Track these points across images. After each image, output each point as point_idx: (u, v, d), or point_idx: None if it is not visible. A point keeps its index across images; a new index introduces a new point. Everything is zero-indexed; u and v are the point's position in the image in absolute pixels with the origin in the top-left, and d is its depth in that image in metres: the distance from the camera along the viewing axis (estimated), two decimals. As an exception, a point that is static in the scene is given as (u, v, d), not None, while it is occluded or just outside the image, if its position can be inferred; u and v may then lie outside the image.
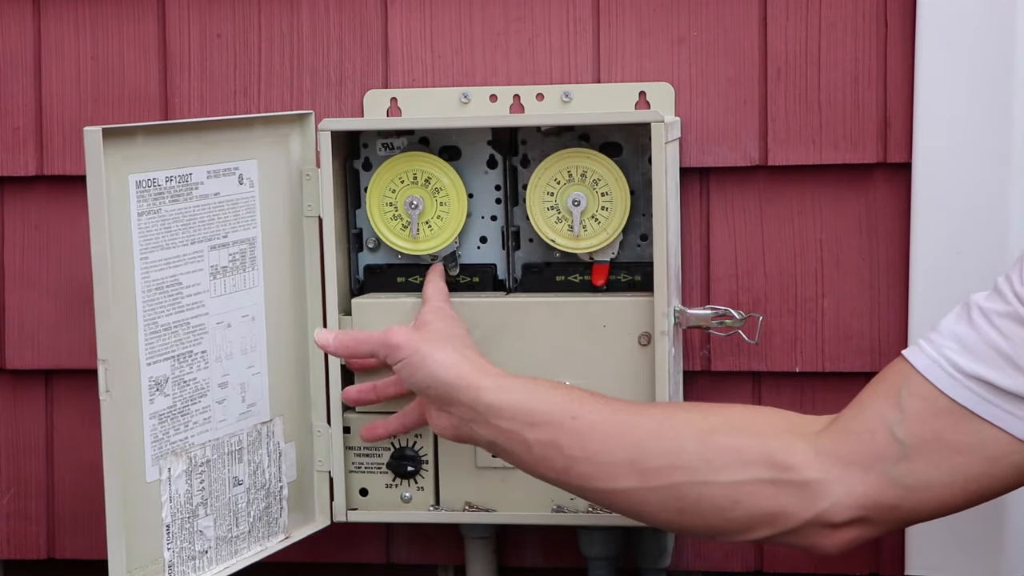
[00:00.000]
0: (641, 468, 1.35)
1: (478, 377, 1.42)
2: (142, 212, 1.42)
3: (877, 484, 1.30)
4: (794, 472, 1.31)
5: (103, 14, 1.72)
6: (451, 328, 1.49)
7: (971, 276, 1.57)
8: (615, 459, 1.36)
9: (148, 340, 1.43)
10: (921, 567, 1.62)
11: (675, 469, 1.34)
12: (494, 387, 1.41)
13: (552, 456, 1.39)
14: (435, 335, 1.46)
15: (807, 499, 1.31)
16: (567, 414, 1.38)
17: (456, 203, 1.59)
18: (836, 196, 1.63)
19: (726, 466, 1.33)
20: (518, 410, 1.39)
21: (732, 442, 1.33)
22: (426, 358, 1.43)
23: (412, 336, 1.45)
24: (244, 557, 1.54)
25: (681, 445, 1.34)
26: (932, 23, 1.57)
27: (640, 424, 1.37)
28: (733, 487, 1.33)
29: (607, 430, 1.37)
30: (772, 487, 1.32)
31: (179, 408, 1.47)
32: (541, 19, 1.66)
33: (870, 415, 1.30)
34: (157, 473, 1.44)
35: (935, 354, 1.29)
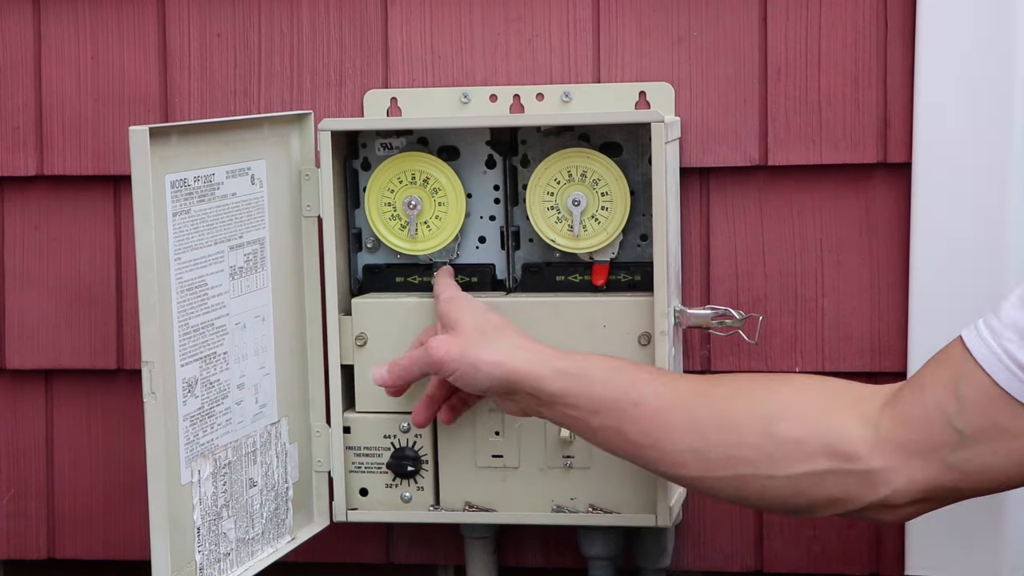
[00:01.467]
0: (705, 458, 1.37)
1: (535, 367, 1.42)
2: (176, 212, 1.42)
3: (936, 471, 1.31)
4: (856, 462, 1.33)
5: (103, 14, 1.72)
6: (483, 319, 1.48)
7: (971, 276, 1.57)
8: (679, 447, 1.38)
9: (181, 341, 1.43)
10: (921, 567, 1.62)
11: (738, 461, 1.36)
12: (553, 375, 1.42)
13: (617, 440, 1.41)
14: (473, 335, 1.46)
15: (869, 486, 1.33)
16: (629, 401, 1.39)
17: (454, 203, 1.59)
18: (836, 196, 1.63)
19: (788, 459, 1.34)
20: (580, 397, 1.41)
21: (793, 432, 1.34)
22: (476, 364, 1.44)
23: (453, 346, 1.45)
24: (260, 559, 1.54)
25: (743, 438, 1.36)
26: (932, 23, 1.57)
27: (702, 412, 1.38)
28: (795, 479, 1.34)
29: (670, 419, 1.38)
30: (834, 476, 1.33)
31: (206, 410, 1.47)
32: (541, 19, 1.66)
33: (929, 403, 1.31)
34: (190, 475, 1.44)
35: (995, 345, 1.29)
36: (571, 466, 1.57)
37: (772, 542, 1.67)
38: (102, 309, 1.74)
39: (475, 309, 1.50)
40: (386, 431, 1.60)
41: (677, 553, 1.69)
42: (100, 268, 1.74)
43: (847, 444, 1.33)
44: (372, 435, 1.60)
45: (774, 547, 1.67)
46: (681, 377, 1.42)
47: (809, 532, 1.66)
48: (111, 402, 1.77)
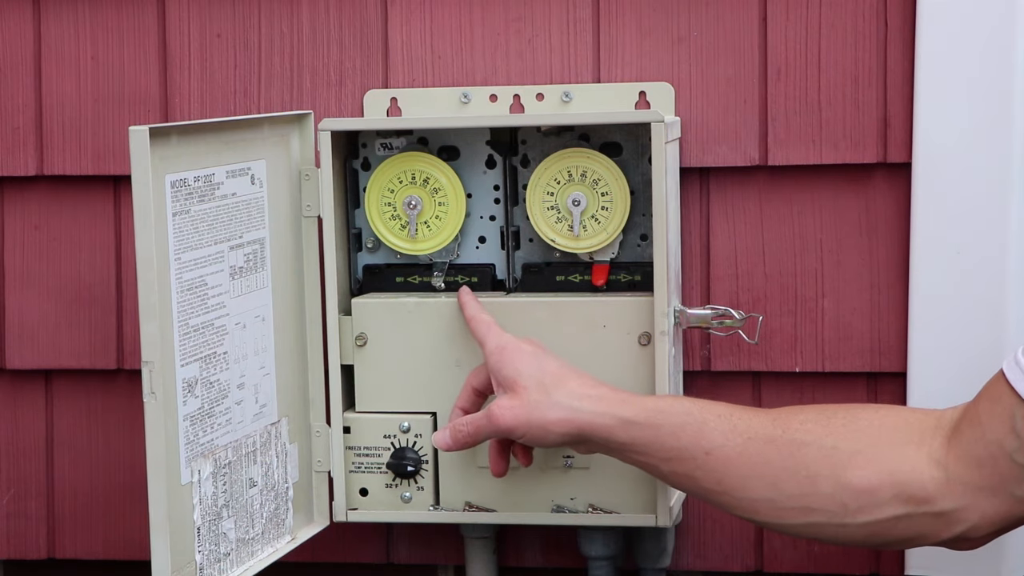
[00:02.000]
0: (779, 507, 1.38)
1: (603, 419, 1.42)
2: (176, 212, 1.42)
3: (1007, 504, 1.33)
4: (929, 505, 1.34)
5: (103, 14, 1.72)
6: (539, 370, 1.46)
7: (971, 276, 1.57)
8: (752, 496, 1.39)
9: (181, 341, 1.43)
10: (921, 567, 1.62)
11: (812, 511, 1.37)
12: (621, 426, 1.42)
13: (689, 485, 1.42)
14: (535, 394, 1.44)
15: (944, 525, 1.35)
16: (700, 449, 1.39)
17: (454, 203, 1.59)
18: (836, 196, 1.63)
19: (862, 509, 1.35)
20: (650, 446, 1.41)
21: (866, 481, 1.35)
22: (545, 428, 1.44)
23: (518, 412, 1.44)
24: (260, 559, 1.54)
25: (815, 488, 1.36)
26: (932, 23, 1.57)
27: (773, 460, 1.38)
28: (870, 525, 1.36)
29: (741, 468, 1.39)
30: (909, 519, 1.35)
31: (206, 410, 1.47)
32: (541, 19, 1.66)
33: (991, 441, 1.32)
34: (190, 475, 1.44)
35: None
36: (571, 466, 1.57)
37: (772, 542, 1.67)
38: (102, 309, 1.74)
39: (529, 361, 1.47)
40: (386, 431, 1.60)
41: (677, 553, 1.69)
42: (100, 268, 1.74)
43: (919, 489, 1.34)
44: (372, 435, 1.60)
45: (774, 547, 1.67)
46: (752, 418, 1.41)
47: (809, 532, 1.66)
48: (111, 402, 1.77)
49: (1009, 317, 1.57)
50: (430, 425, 1.59)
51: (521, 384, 1.45)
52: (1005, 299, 1.57)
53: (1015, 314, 1.57)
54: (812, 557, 1.67)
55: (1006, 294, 1.57)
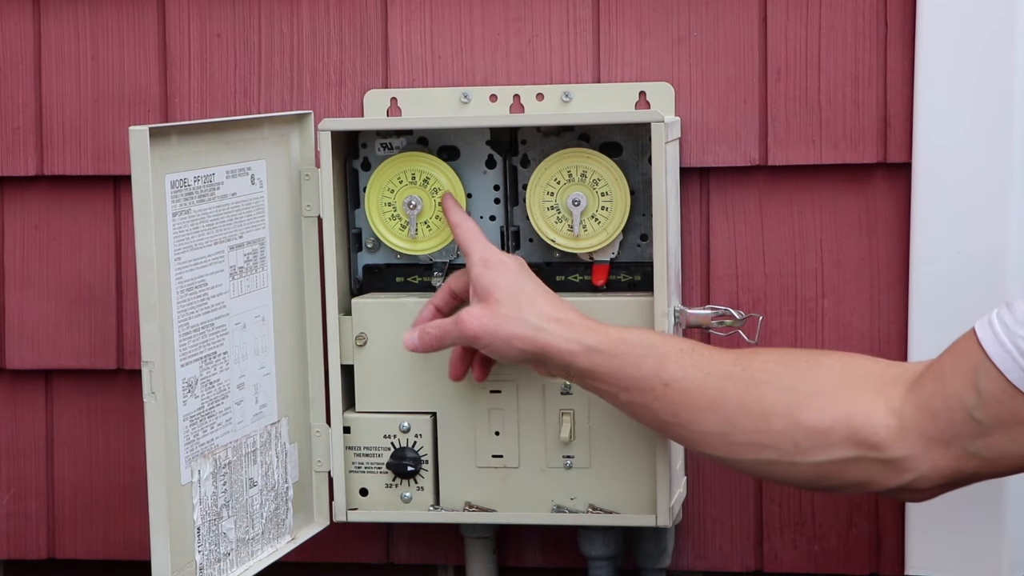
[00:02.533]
0: (731, 441, 1.39)
1: (566, 344, 1.43)
2: (176, 212, 1.42)
3: (958, 458, 1.33)
4: (880, 451, 1.35)
5: (103, 14, 1.72)
6: (516, 285, 1.48)
7: (971, 276, 1.57)
8: (706, 429, 1.40)
9: (181, 341, 1.43)
10: (921, 567, 1.62)
11: (763, 448, 1.38)
12: (583, 352, 1.43)
13: (645, 415, 1.44)
14: (506, 307, 1.46)
15: (893, 472, 1.35)
16: (659, 380, 1.41)
17: (455, 203, 1.59)
18: (836, 196, 1.63)
19: (813, 448, 1.36)
20: (610, 375, 1.43)
21: (819, 421, 1.36)
22: (509, 342, 1.45)
23: (485, 320, 1.46)
24: (260, 559, 1.54)
25: (769, 425, 1.38)
26: (932, 23, 1.57)
27: (730, 396, 1.39)
28: (820, 466, 1.37)
29: (698, 401, 1.40)
30: (858, 463, 1.36)
31: (206, 410, 1.47)
32: (541, 19, 1.66)
33: (950, 394, 1.32)
34: (190, 475, 1.44)
35: (1008, 343, 1.30)
36: (571, 466, 1.57)
37: (772, 542, 1.67)
38: (102, 309, 1.74)
39: (508, 276, 1.49)
40: (386, 431, 1.60)
41: (677, 553, 1.69)
42: (100, 268, 1.74)
43: (872, 433, 1.35)
44: (372, 435, 1.60)
45: (774, 547, 1.67)
46: (713, 355, 1.42)
47: (809, 532, 1.66)
48: (111, 402, 1.77)
49: (1009, 317, 1.57)
50: (430, 425, 1.59)
51: (495, 296, 1.47)
52: (1005, 299, 1.57)
53: (1015, 314, 1.57)
54: (812, 557, 1.67)
55: (1006, 294, 1.57)
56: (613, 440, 1.56)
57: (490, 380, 1.57)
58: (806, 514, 1.66)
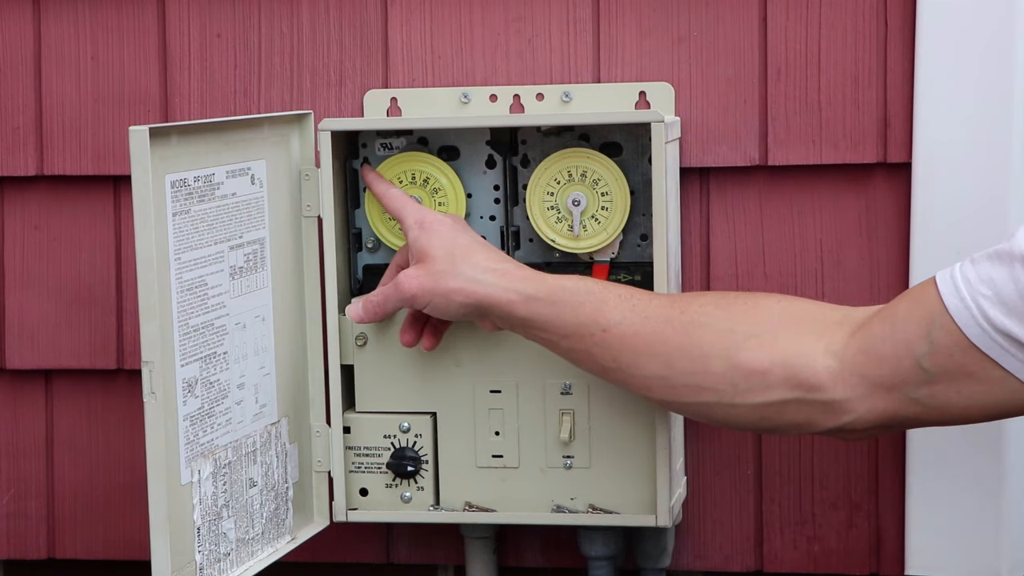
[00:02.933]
0: (671, 384, 1.40)
1: (504, 293, 1.44)
2: (176, 212, 1.42)
3: (899, 403, 1.34)
4: (819, 392, 1.35)
5: (103, 14, 1.72)
6: (451, 242, 1.49)
7: (971, 276, 1.57)
8: (645, 373, 1.41)
9: (181, 341, 1.43)
10: (921, 567, 1.62)
11: (703, 390, 1.39)
12: (522, 300, 1.44)
13: (586, 362, 1.44)
14: (442, 263, 1.47)
15: (831, 414, 1.36)
16: (598, 326, 1.42)
17: (454, 203, 1.59)
18: (836, 196, 1.63)
19: (751, 389, 1.37)
20: (549, 322, 1.44)
21: (757, 363, 1.37)
22: (447, 295, 1.46)
23: (423, 279, 1.47)
24: (259, 559, 1.54)
25: (707, 367, 1.38)
26: (932, 23, 1.57)
27: (669, 339, 1.40)
28: (759, 408, 1.37)
29: (636, 345, 1.41)
30: (796, 405, 1.36)
31: (206, 410, 1.47)
32: (541, 19, 1.66)
33: (899, 340, 1.32)
34: (190, 475, 1.44)
35: (968, 299, 1.29)
36: (571, 466, 1.57)
37: (772, 542, 1.67)
38: (102, 309, 1.74)
39: (444, 233, 1.50)
40: (386, 431, 1.60)
41: (677, 553, 1.69)
42: (100, 268, 1.74)
43: (810, 375, 1.35)
44: (372, 435, 1.60)
45: (774, 547, 1.67)
46: (651, 300, 1.43)
47: (809, 532, 1.67)
48: (111, 402, 1.77)
49: (1009, 317, 1.57)
50: (430, 425, 1.59)
51: (431, 255, 1.48)
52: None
53: (1015, 314, 1.57)
54: (812, 557, 1.67)
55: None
56: (613, 440, 1.56)
57: (490, 380, 1.57)
58: (806, 514, 1.66)
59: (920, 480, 1.61)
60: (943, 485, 1.60)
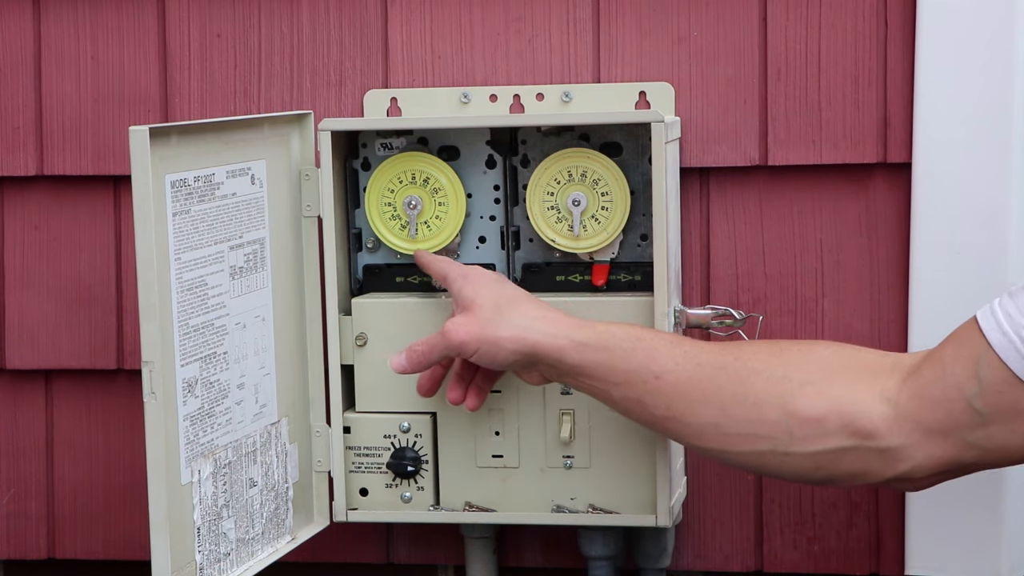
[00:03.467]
0: (725, 433, 1.38)
1: (555, 340, 1.43)
2: (176, 212, 1.42)
3: (956, 448, 1.33)
4: (875, 440, 1.34)
5: (103, 14, 1.72)
6: (497, 293, 1.48)
7: (971, 276, 1.57)
8: (700, 421, 1.39)
9: (181, 341, 1.43)
10: (921, 567, 1.62)
11: (757, 438, 1.37)
12: (573, 347, 1.43)
13: (638, 411, 1.43)
14: (489, 312, 1.46)
15: (888, 462, 1.35)
16: (650, 373, 1.40)
17: (455, 203, 1.59)
18: (836, 196, 1.63)
19: (807, 438, 1.36)
20: (600, 369, 1.42)
21: (813, 411, 1.35)
22: (497, 344, 1.45)
23: (472, 328, 1.45)
24: (260, 559, 1.54)
25: (762, 414, 1.37)
26: (932, 23, 1.57)
27: (723, 386, 1.39)
28: (815, 456, 1.36)
29: (690, 392, 1.39)
30: (853, 453, 1.35)
31: (206, 409, 1.47)
32: (541, 19, 1.66)
33: (950, 383, 1.32)
34: (190, 475, 1.44)
35: (1011, 332, 1.29)
36: (571, 466, 1.57)
37: (772, 542, 1.67)
38: (102, 309, 1.74)
39: (489, 284, 1.49)
40: (386, 431, 1.60)
41: (677, 553, 1.69)
42: (100, 268, 1.74)
43: (866, 422, 1.34)
44: (372, 435, 1.60)
45: (774, 547, 1.67)
46: (702, 347, 1.42)
47: (809, 532, 1.67)
48: (111, 402, 1.77)
49: (1009, 317, 1.57)
50: (430, 425, 1.59)
51: (478, 303, 1.47)
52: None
53: (1015, 314, 1.57)
54: (812, 557, 1.67)
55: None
56: (613, 440, 1.56)
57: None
58: (806, 514, 1.66)
59: (920, 480, 1.61)
60: (943, 486, 1.60)
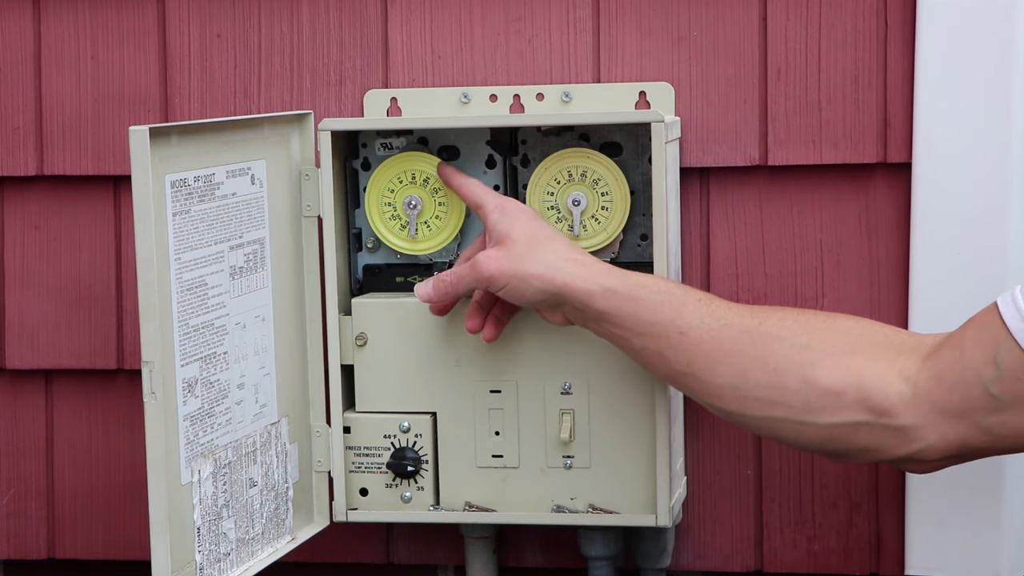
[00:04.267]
0: (743, 396, 1.39)
1: (585, 283, 1.43)
2: (176, 212, 1.42)
3: (969, 431, 1.33)
4: (890, 417, 1.34)
5: (103, 14, 1.72)
6: (534, 228, 1.48)
7: (971, 276, 1.57)
8: (719, 382, 1.39)
9: (181, 341, 1.43)
10: (921, 567, 1.62)
11: (775, 404, 1.38)
12: (601, 293, 1.42)
13: (659, 363, 1.43)
14: (522, 248, 1.46)
15: (901, 440, 1.35)
16: (675, 328, 1.40)
17: (455, 203, 1.59)
18: (836, 196, 1.63)
19: (824, 408, 1.36)
20: (626, 318, 1.42)
21: (832, 382, 1.35)
22: (527, 279, 1.44)
23: (502, 261, 1.45)
24: (259, 559, 1.54)
25: (782, 381, 1.37)
26: (932, 23, 1.57)
27: (746, 349, 1.39)
28: (830, 428, 1.36)
29: (712, 351, 1.39)
30: (868, 428, 1.35)
31: (206, 410, 1.47)
32: (541, 19, 1.66)
33: (968, 366, 1.32)
34: (190, 475, 1.44)
35: None
36: (571, 466, 1.57)
37: (772, 542, 1.67)
38: (102, 309, 1.74)
39: (525, 219, 1.49)
40: (386, 431, 1.60)
41: (677, 553, 1.69)
42: (100, 268, 1.74)
43: (883, 399, 1.34)
44: (372, 435, 1.60)
45: (774, 547, 1.67)
46: (731, 308, 1.42)
47: (809, 532, 1.66)
48: (111, 402, 1.77)
49: (1009, 317, 1.57)
50: (430, 425, 1.59)
51: (512, 238, 1.46)
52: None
53: (1015, 314, 1.57)
54: (812, 557, 1.67)
55: (1006, 294, 1.57)
56: (613, 440, 1.56)
57: (490, 380, 1.57)
58: (806, 514, 1.66)
59: (920, 480, 1.61)
60: (943, 485, 1.60)
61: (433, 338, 1.58)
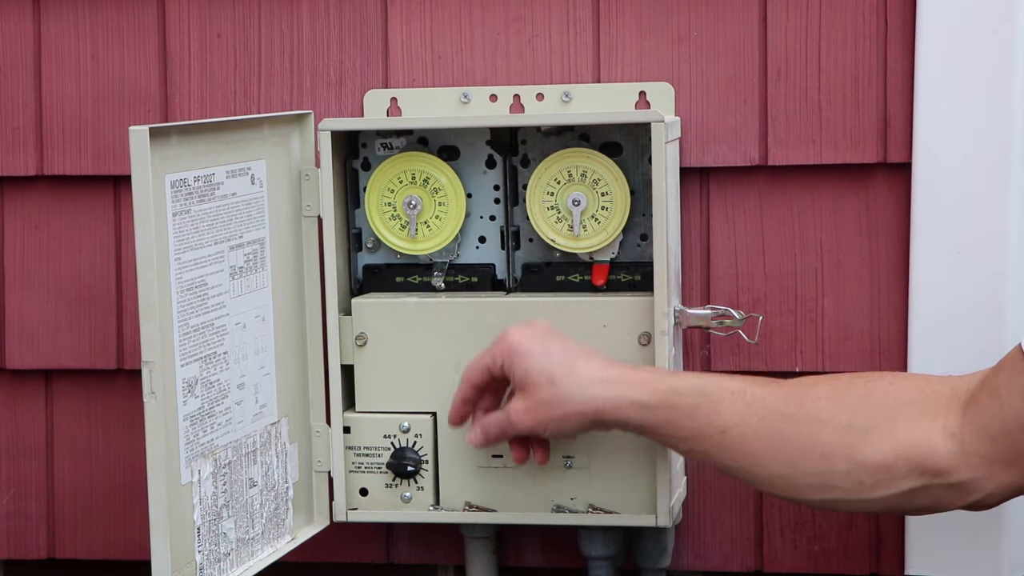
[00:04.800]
0: (795, 483, 1.39)
1: (616, 405, 1.43)
2: (176, 212, 1.42)
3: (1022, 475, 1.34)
4: (946, 476, 1.35)
5: (103, 14, 1.72)
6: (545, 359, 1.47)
7: (971, 276, 1.57)
8: (769, 472, 1.40)
9: (181, 341, 1.43)
10: (921, 567, 1.62)
11: (828, 488, 1.38)
12: (635, 410, 1.43)
13: (708, 461, 1.45)
14: (545, 391, 1.46)
15: (961, 494, 1.36)
16: (716, 428, 1.41)
17: (455, 203, 1.59)
18: (836, 196, 1.63)
19: (877, 484, 1.36)
20: (665, 426, 1.43)
21: (882, 458, 1.35)
22: (563, 420, 1.46)
23: (535, 413, 1.46)
24: (260, 559, 1.54)
25: (831, 466, 1.37)
26: (932, 23, 1.57)
27: (789, 438, 1.39)
28: (887, 500, 1.37)
29: (757, 447, 1.40)
30: (924, 490, 1.36)
31: (206, 410, 1.47)
32: (541, 19, 1.66)
33: (1008, 416, 1.32)
34: (190, 475, 1.44)
35: None
36: (571, 466, 1.57)
37: (772, 542, 1.67)
38: (102, 309, 1.74)
39: (534, 354, 1.47)
40: (386, 431, 1.60)
41: (677, 553, 1.69)
42: (100, 268, 1.74)
43: (935, 461, 1.34)
44: (372, 435, 1.60)
45: (774, 547, 1.67)
46: (765, 394, 1.41)
47: (809, 532, 1.66)
48: (111, 402, 1.77)
49: (1009, 317, 1.57)
50: (430, 425, 1.59)
51: (532, 381, 1.46)
52: (1005, 299, 1.57)
53: (1015, 314, 1.57)
54: (812, 557, 1.67)
55: (1006, 294, 1.57)
56: (613, 440, 1.56)
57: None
58: (806, 514, 1.66)
59: (920, 480, 1.61)
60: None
61: (433, 338, 1.58)
